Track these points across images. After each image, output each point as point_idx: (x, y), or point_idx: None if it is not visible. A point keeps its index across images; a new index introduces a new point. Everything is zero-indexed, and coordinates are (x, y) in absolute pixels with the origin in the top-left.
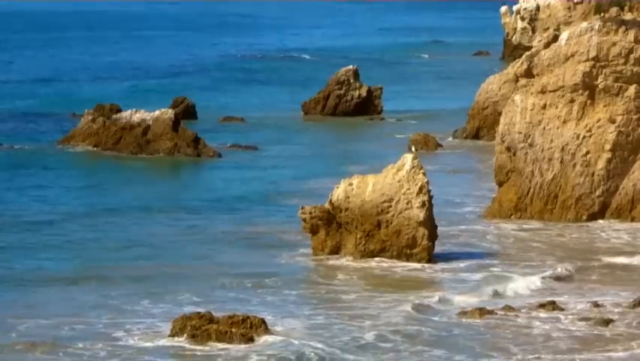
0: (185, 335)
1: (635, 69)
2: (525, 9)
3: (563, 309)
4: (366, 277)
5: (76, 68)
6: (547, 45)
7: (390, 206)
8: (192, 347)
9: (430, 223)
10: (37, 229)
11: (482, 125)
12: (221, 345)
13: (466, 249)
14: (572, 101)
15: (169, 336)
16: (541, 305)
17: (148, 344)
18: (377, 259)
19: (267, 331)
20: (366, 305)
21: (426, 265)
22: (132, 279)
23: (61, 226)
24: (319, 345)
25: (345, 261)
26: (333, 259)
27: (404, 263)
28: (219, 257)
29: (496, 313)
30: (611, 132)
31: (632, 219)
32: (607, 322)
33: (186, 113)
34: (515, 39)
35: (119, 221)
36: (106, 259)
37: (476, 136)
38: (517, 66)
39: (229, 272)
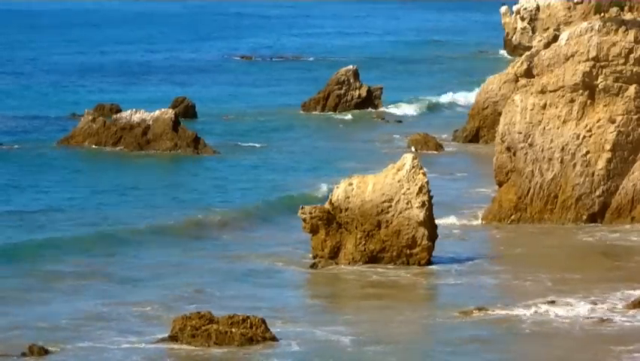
0: (185, 335)
1: (635, 69)
2: (525, 9)
3: None
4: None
5: (77, 68)
6: (547, 45)
7: (390, 206)
8: (192, 347)
9: (430, 223)
10: (37, 229)
11: (482, 125)
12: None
13: (466, 249)
14: (572, 101)
15: (169, 336)
16: None
17: (148, 345)
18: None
19: (267, 331)
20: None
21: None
22: (132, 279)
23: (61, 226)
24: (319, 345)
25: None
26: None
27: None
28: (218, 257)
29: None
30: (611, 132)
31: (632, 220)
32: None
33: (186, 113)
34: (515, 39)
35: (120, 221)
36: (104, 259)
37: (476, 136)
38: (517, 66)
39: (228, 273)
